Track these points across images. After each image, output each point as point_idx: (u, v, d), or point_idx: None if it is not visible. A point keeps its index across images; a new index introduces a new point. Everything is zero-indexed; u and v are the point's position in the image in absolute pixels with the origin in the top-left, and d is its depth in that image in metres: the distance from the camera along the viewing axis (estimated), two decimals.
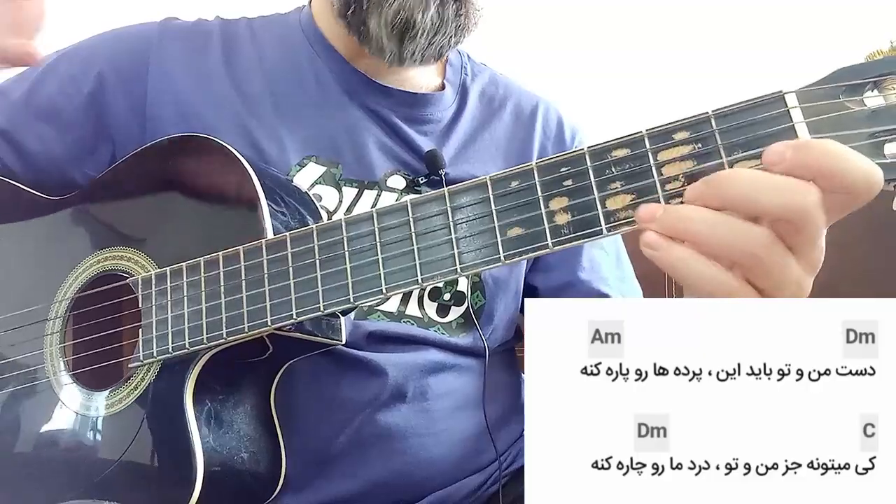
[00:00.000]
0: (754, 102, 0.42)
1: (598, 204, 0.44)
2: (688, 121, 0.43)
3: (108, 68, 0.74)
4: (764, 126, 0.41)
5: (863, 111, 0.40)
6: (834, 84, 0.41)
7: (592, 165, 0.45)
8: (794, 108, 0.41)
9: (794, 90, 0.41)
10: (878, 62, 0.41)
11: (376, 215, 0.51)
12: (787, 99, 0.41)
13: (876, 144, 0.40)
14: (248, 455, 0.62)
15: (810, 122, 0.41)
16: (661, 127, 0.44)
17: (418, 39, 0.69)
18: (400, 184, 0.74)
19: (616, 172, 0.44)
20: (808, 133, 0.41)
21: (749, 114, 0.42)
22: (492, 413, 0.74)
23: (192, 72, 0.74)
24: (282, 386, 0.66)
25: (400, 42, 0.69)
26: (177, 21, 0.79)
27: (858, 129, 0.40)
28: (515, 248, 0.47)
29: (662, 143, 0.43)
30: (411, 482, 0.70)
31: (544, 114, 0.84)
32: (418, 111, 0.77)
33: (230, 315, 0.56)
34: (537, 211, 0.46)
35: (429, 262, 0.49)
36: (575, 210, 0.45)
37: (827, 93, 0.41)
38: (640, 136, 0.44)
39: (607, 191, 0.44)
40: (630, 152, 0.44)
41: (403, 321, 0.71)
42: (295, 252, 0.54)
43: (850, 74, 0.41)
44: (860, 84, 0.41)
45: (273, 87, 0.74)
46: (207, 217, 0.62)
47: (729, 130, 0.42)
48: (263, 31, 0.79)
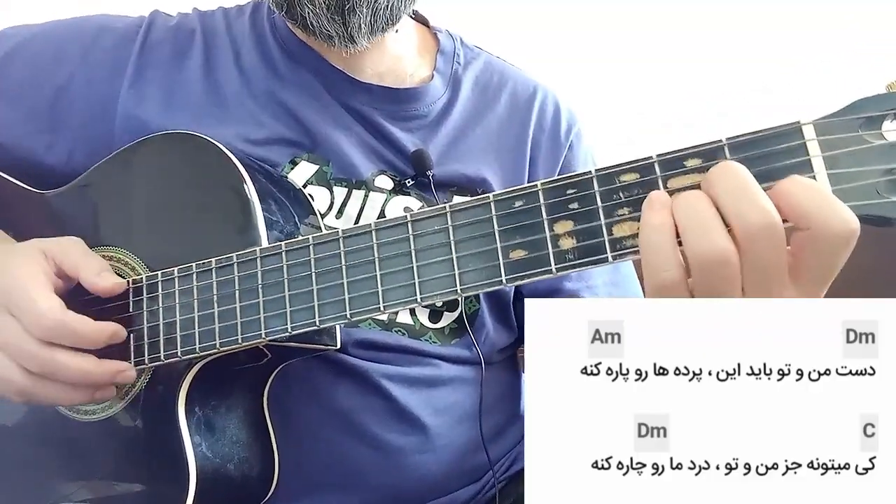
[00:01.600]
0: (770, 132, 0.41)
1: (604, 230, 0.43)
2: (700, 148, 0.42)
3: (84, 65, 0.72)
4: (779, 158, 0.41)
5: (881, 145, 0.39)
6: (852, 116, 0.40)
7: (600, 190, 0.44)
8: (811, 141, 0.40)
9: (812, 121, 0.40)
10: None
11: (375, 230, 0.50)
12: (805, 131, 0.40)
13: (892, 181, 0.39)
14: (240, 460, 0.62)
15: (827, 157, 0.40)
16: (672, 153, 0.43)
17: (360, 10, 0.65)
18: (387, 184, 0.72)
19: (624, 198, 0.43)
20: (823, 167, 0.40)
21: (764, 144, 0.41)
22: (491, 422, 0.73)
23: (171, 75, 0.72)
24: (277, 396, 0.66)
25: (343, 21, 0.66)
26: (162, 20, 0.77)
27: (875, 165, 0.39)
28: (518, 272, 0.46)
29: (673, 169, 0.42)
30: (406, 497, 0.69)
31: (541, 102, 0.80)
32: (402, 107, 0.74)
33: (223, 325, 0.55)
34: (542, 234, 0.45)
35: (428, 281, 0.48)
36: (580, 235, 0.44)
37: (845, 125, 0.40)
38: (650, 161, 0.43)
39: (614, 217, 0.43)
40: (639, 177, 0.43)
41: (395, 330, 0.70)
42: (291, 264, 0.53)
43: (869, 106, 0.40)
44: (879, 116, 0.40)
45: (251, 86, 0.72)
46: (199, 218, 0.61)
47: (743, 160, 0.41)
48: (239, 23, 0.77)
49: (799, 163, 0.40)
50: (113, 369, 0.56)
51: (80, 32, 0.74)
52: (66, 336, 0.54)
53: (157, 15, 0.77)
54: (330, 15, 0.65)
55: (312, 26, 0.66)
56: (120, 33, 0.74)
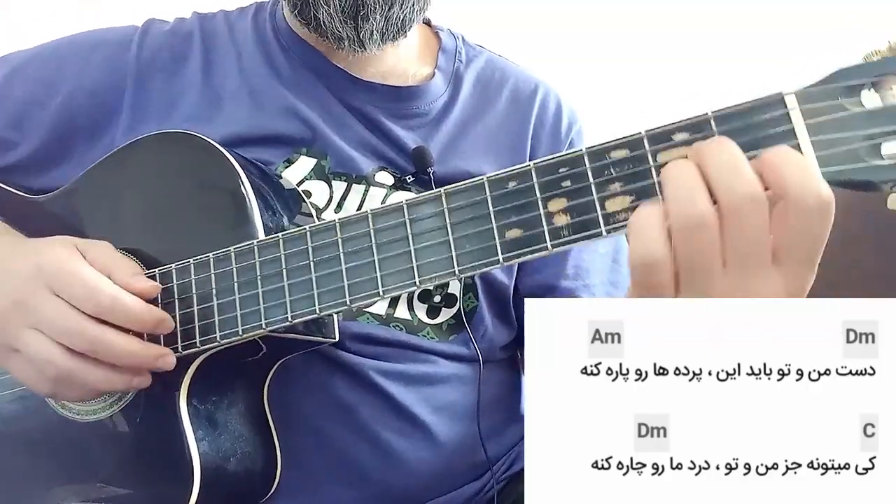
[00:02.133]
0: (754, 104, 0.42)
1: (597, 205, 0.44)
2: (687, 122, 0.43)
3: (79, 91, 0.72)
4: (764, 128, 0.41)
5: (861, 112, 0.40)
6: (833, 84, 0.41)
7: (591, 166, 0.45)
8: (793, 110, 0.41)
9: (794, 91, 0.41)
10: (876, 63, 0.41)
11: (371, 216, 0.51)
12: (787, 100, 0.41)
13: (873, 146, 0.40)
14: (243, 455, 0.62)
15: (809, 124, 0.41)
16: (660, 128, 0.44)
17: (373, 18, 0.66)
18: (388, 180, 0.72)
19: (615, 173, 0.44)
20: (807, 135, 0.41)
21: (748, 115, 0.42)
22: (491, 420, 0.73)
23: (172, 83, 0.72)
24: (278, 392, 0.66)
25: (355, 25, 0.67)
26: (157, 26, 0.76)
27: (856, 130, 0.40)
28: (514, 250, 0.46)
29: (662, 143, 0.43)
30: (407, 494, 0.69)
31: (542, 99, 0.80)
32: (403, 105, 0.74)
33: (223, 318, 0.55)
34: (536, 212, 0.46)
35: (426, 264, 0.49)
36: (574, 211, 0.45)
37: (826, 93, 0.41)
38: (639, 136, 0.44)
39: (607, 192, 0.44)
40: (629, 153, 0.44)
41: (392, 325, 0.70)
42: (288, 254, 0.54)
43: (848, 75, 0.41)
44: (858, 85, 0.41)
45: (252, 84, 0.73)
46: (195, 216, 0.61)
47: (729, 132, 0.42)
48: (241, 25, 0.77)
49: (783, 132, 0.41)
50: (157, 352, 0.55)
51: (76, 49, 0.75)
52: (119, 312, 0.53)
53: (152, 23, 0.77)
54: (343, 18, 0.66)
55: (324, 26, 0.67)
56: (114, 43, 0.74)
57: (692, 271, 0.40)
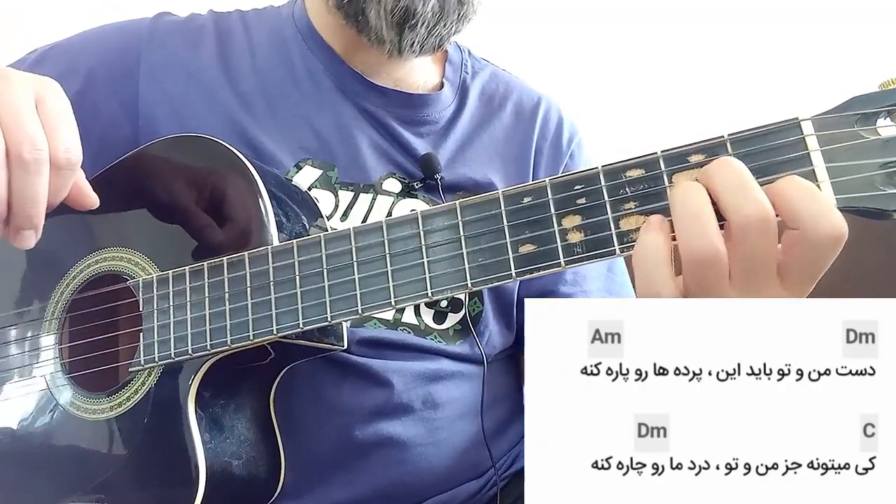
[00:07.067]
0: (770, 128, 0.42)
1: (611, 224, 0.44)
2: (703, 144, 0.43)
3: (99, 66, 0.73)
4: (779, 153, 0.42)
5: (876, 140, 0.41)
6: (848, 112, 0.41)
7: (606, 185, 0.45)
8: (809, 136, 0.41)
9: (810, 117, 0.42)
10: (892, 91, 0.42)
11: (386, 226, 0.51)
12: (803, 126, 0.42)
13: (888, 174, 0.40)
14: (248, 459, 0.62)
15: (825, 151, 0.41)
16: (676, 149, 0.44)
17: (418, 29, 0.67)
18: (396, 187, 0.73)
19: (630, 193, 0.44)
20: (822, 161, 0.41)
21: (764, 140, 0.42)
22: (493, 420, 0.73)
23: (185, 69, 0.73)
24: (282, 392, 0.66)
25: (399, 32, 0.68)
26: (169, 16, 0.78)
27: (871, 158, 0.40)
28: (527, 265, 0.46)
29: (677, 164, 0.43)
30: (410, 490, 0.69)
31: (545, 112, 0.83)
32: (414, 112, 0.76)
33: (235, 322, 0.55)
34: (550, 228, 0.46)
35: (439, 276, 0.49)
36: (588, 229, 0.45)
37: (841, 121, 0.41)
38: (655, 157, 0.44)
39: (621, 211, 0.44)
40: (645, 173, 0.44)
41: (400, 329, 0.70)
42: (302, 261, 0.54)
43: (863, 103, 0.42)
44: (873, 113, 0.41)
45: (266, 85, 0.73)
46: (210, 220, 0.61)
47: (744, 155, 0.42)
48: (256, 25, 0.78)
49: (799, 157, 0.41)
50: None
51: (91, 41, 0.76)
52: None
53: (163, 14, 0.78)
54: (391, 23, 0.67)
55: (370, 26, 0.68)
56: (126, 31, 0.75)
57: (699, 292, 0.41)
